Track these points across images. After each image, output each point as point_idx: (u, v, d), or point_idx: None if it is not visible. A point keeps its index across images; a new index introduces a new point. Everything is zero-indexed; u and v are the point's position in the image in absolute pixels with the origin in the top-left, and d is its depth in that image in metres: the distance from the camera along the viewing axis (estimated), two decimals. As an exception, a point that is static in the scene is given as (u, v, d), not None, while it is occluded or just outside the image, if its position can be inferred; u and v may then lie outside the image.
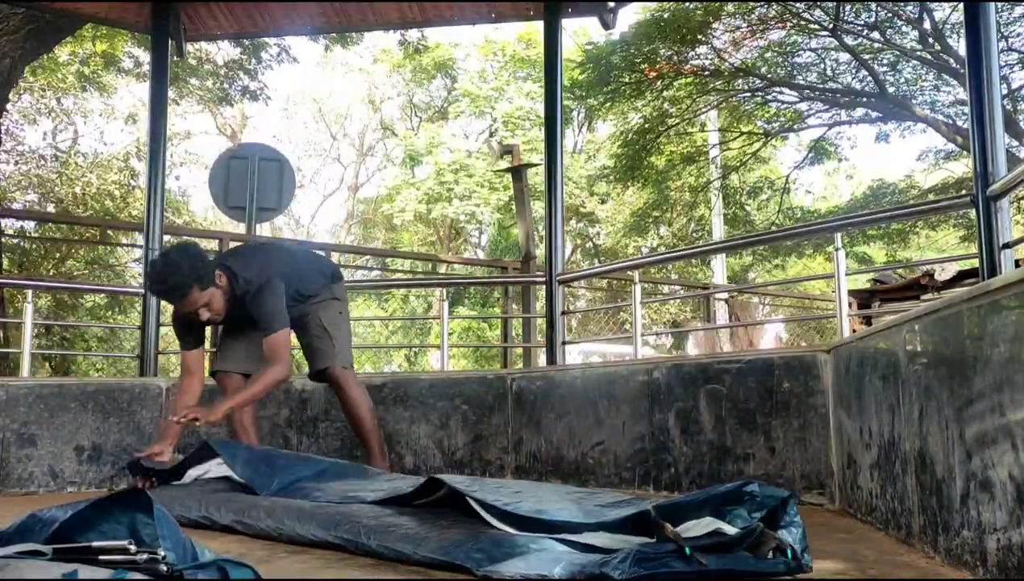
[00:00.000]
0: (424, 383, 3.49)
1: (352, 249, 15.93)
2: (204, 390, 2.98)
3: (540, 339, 7.05)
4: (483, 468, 3.34)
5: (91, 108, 12.95)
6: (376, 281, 9.91)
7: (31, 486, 3.23)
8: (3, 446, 3.21)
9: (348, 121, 22.93)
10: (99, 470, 3.32)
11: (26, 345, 4.17)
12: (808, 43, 11.02)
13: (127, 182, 10.96)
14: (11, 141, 10.62)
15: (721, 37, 10.85)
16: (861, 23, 10.34)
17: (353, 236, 21.06)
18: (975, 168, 2.81)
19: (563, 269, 4.32)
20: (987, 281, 1.36)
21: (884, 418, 1.86)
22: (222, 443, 2.71)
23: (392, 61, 19.17)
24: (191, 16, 4.88)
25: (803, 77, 11.35)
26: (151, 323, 4.39)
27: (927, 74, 10.91)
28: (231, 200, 7.51)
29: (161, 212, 4.55)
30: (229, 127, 19.91)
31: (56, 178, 10.56)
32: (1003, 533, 1.24)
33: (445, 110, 19.33)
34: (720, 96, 11.64)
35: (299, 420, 3.46)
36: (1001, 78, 3.20)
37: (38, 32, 6.37)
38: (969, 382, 1.36)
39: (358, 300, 14.35)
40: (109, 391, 3.40)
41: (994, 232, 2.69)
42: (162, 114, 4.72)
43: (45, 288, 7.85)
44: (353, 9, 4.91)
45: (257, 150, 7.95)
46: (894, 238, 12.14)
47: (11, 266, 8.65)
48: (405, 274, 9.10)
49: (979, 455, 1.32)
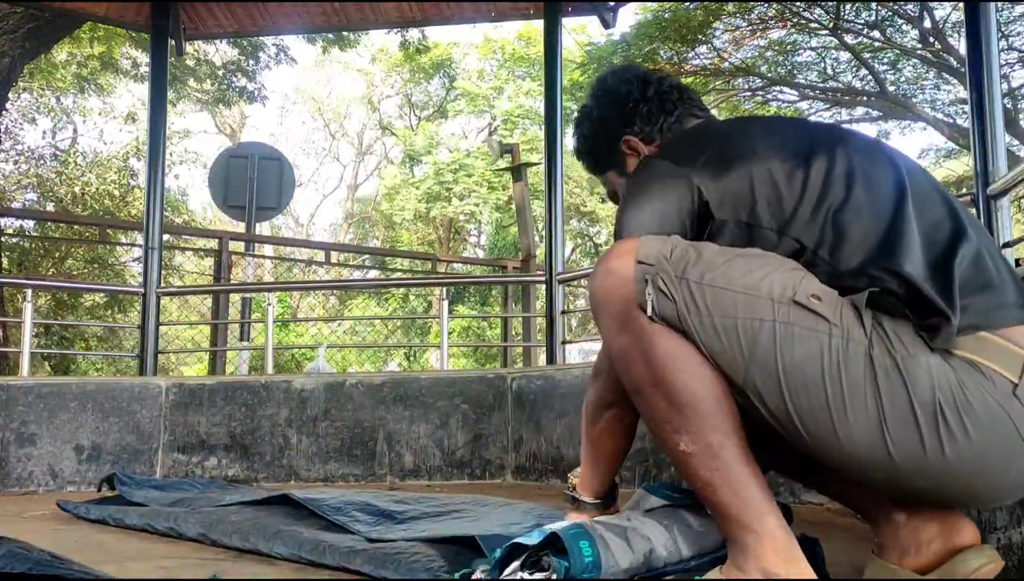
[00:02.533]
0: (424, 382, 3.49)
1: (351, 248, 15.92)
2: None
3: (540, 338, 7.05)
4: (483, 467, 3.34)
5: (90, 107, 12.96)
6: (375, 280, 9.92)
7: (30, 486, 3.22)
8: (2, 445, 3.21)
9: (347, 120, 22.94)
10: (99, 469, 3.32)
11: (26, 344, 4.17)
12: (808, 42, 11.03)
13: (126, 181, 10.95)
14: (10, 140, 10.62)
15: (721, 36, 10.85)
16: (861, 22, 10.35)
17: (352, 235, 21.06)
18: (975, 167, 2.81)
19: (563, 268, 4.32)
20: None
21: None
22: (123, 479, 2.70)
23: (390, 60, 19.17)
24: (190, 15, 4.88)
25: (803, 76, 11.36)
26: (151, 322, 4.38)
27: (927, 73, 10.92)
28: (231, 199, 7.53)
29: (161, 211, 4.54)
30: (228, 126, 19.92)
31: (55, 177, 10.56)
32: (1003, 533, 1.24)
33: (444, 109, 19.34)
34: (721, 96, 11.65)
35: (299, 420, 3.46)
36: (1001, 77, 3.20)
37: (37, 31, 6.37)
38: (970, 381, 1.36)
39: (357, 300, 14.35)
40: (109, 391, 3.40)
41: (994, 231, 2.69)
42: (161, 113, 4.71)
43: (44, 287, 7.86)
44: (352, 8, 4.91)
45: (256, 149, 7.98)
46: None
47: (11, 265, 8.65)
48: (404, 273, 9.10)
49: (980, 455, 1.32)
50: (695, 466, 1.07)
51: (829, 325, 1.01)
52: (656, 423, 1.11)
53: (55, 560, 1.11)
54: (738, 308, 1.04)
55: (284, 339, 11.76)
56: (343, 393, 3.47)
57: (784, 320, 1.02)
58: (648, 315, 1.08)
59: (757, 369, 1.03)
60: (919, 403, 0.98)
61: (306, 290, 12.54)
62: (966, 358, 0.99)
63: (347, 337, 11.72)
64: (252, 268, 9.01)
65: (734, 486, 1.05)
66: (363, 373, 4.46)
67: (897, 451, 0.99)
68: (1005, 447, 0.99)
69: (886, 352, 0.99)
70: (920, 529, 1.15)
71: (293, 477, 3.40)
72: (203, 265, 10.21)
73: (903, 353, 0.99)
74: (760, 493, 1.06)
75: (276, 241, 12.10)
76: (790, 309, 1.03)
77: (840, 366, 1.00)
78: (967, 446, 0.97)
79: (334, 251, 8.80)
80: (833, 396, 1.00)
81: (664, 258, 1.09)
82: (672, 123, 1.41)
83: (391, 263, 10.39)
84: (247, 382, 3.58)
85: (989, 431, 0.98)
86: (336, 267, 10.20)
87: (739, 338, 1.04)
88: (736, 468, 1.05)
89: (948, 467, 0.99)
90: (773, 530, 1.04)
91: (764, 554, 1.04)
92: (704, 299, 1.06)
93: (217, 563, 1.65)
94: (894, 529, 1.18)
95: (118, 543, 1.95)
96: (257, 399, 3.48)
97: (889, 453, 1.00)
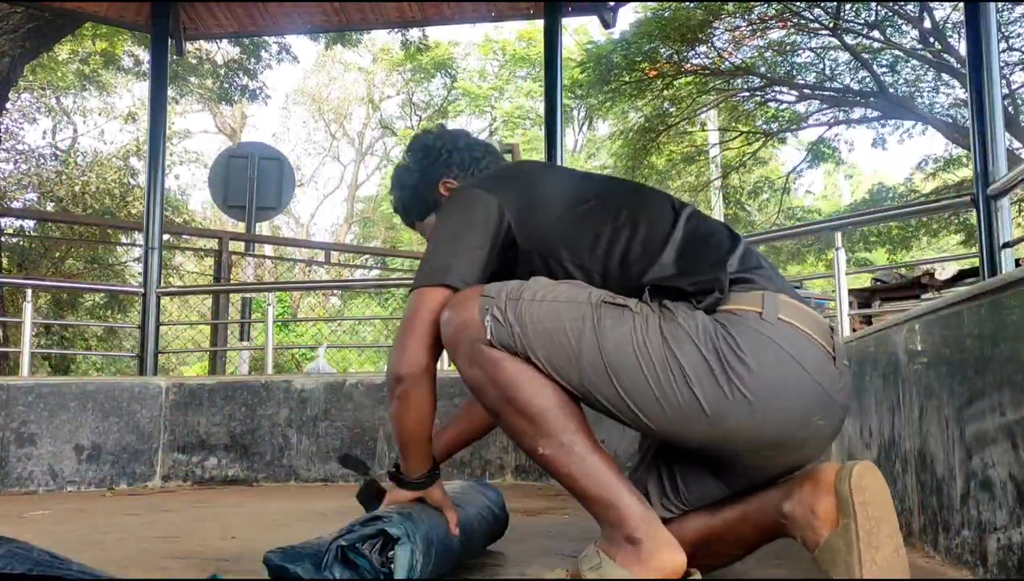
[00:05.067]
0: (424, 382, 3.48)
1: (351, 248, 15.92)
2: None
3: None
4: (483, 467, 3.34)
5: (90, 107, 12.96)
6: (375, 280, 9.90)
7: (31, 485, 3.22)
8: (2, 445, 3.21)
9: (347, 120, 22.94)
10: (99, 469, 3.32)
11: (25, 344, 4.17)
12: (808, 42, 11.03)
13: (126, 181, 10.95)
14: (10, 140, 10.62)
15: (721, 36, 10.85)
16: (861, 22, 10.35)
17: (352, 235, 21.06)
18: (975, 167, 2.81)
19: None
20: (987, 280, 1.36)
21: (884, 417, 1.86)
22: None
23: (391, 60, 19.18)
24: (191, 15, 4.88)
25: (802, 77, 11.35)
26: (151, 322, 4.39)
27: (927, 73, 10.92)
28: (231, 199, 7.53)
29: (161, 211, 4.54)
30: (229, 125, 19.91)
31: (55, 177, 10.56)
32: (1003, 532, 1.24)
33: (445, 109, 19.34)
34: (720, 96, 11.65)
35: (299, 420, 3.46)
36: (1001, 78, 3.20)
37: (38, 31, 6.38)
38: (969, 381, 1.36)
39: (358, 300, 14.36)
40: (109, 391, 3.40)
41: (994, 231, 2.69)
42: (161, 113, 4.72)
43: (45, 287, 7.85)
44: (353, 8, 4.91)
45: (257, 149, 7.97)
46: (895, 242, 12.15)
47: (10, 265, 8.65)
48: (405, 273, 9.10)
49: (979, 454, 1.32)
50: (555, 463, 1.26)
51: (632, 313, 1.25)
52: (516, 436, 1.30)
53: (55, 560, 1.11)
54: (563, 315, 1.25)
55: (284, 339, 11.76)
56: (343, 393, 3.47)
57: (599, 315, 1.25)
58: (487, 339, 1.27)
59: (587, 364, 1.23)
60: (705, 350, 1.19)
61: (306, 290, 12.54)
62: (721, 310, 1.23)
63: (347, 337, 11.72)
64: (252, 268, 9.01)
65: (591, 473, 1.24)
66: (363, 373, 4.46)
67: (707, 402, 1.19)
68: (781, 366, 1.19)
69: (671, 319, 1.23)
70: (802, 500, 1.23)
71: (293, 477, 3.40)
72: (203, 265, 10.21)
73: (683, 316, 1.23)
74: (613, 475, 1.24)
75: (276, 241, 12.10)
76: (602, 306, 1.26)
77: (645, 341, 1.22)
78: (752, 377, 1.18)
79: (334, 251, 8.80)
80: (647, 368, 1.21)
81: (502, 289, 1.30)
82: (484, 167, 1.67)
83: (391, 263, 10.39)
84: (247, 382, 3.58)
85: (760, 356, 1.19)
86: (336, 267, 10.20)
87: (568, 339, 1.25)
88: (589, 458, 1.25)
89: (750, 406, 1.19)
90: (630, 503, 1.23)
91: (626, 523, 1.22)
92: (537, 313, 1.26)
93: (217, 563, 1.66)
94: (795, 519, 1.24)
95: (118, 543, 1.95)
96: (257, 399, 3.48)
97: (701, 408, 1.19)
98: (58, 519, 2.39)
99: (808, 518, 1.22)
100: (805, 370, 1.21)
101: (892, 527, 1.19)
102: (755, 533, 1.33)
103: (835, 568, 1.18)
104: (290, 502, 2.83)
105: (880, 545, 1.17)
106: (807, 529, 1.22)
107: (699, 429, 1.22)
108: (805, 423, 1.23)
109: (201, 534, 2.10)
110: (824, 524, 1.21)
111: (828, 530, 1.20)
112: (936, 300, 1.68)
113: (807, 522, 1.22)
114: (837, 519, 1.20)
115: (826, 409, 1.24)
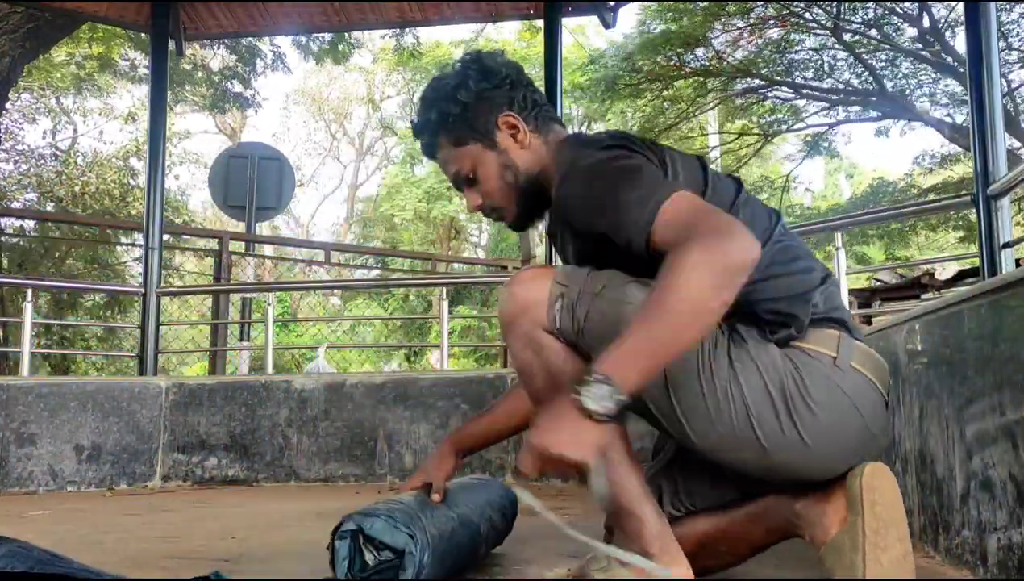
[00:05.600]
0: (424, 382, 3.49)
1: (352, 248, 15.92)
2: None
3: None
4: (483, 467, 3.34)
5: (90, 107, 12.95)
6: (376, 280, 9.91)
7: (31, 485, 3.22)
8: (2, 445, 3.21)
9: (348, 120, 22.94)
10: (99, 469, 3.32)
11: (25, 344, 4.17)
12: (807, 41, 11.03)
13: (126, 181, 10.95)
14: (10, 140, 10.61)
15: (720, 37, 10.85)
16: (859, 20, 10.35)
17: (353, 235, 21.06)
18: (975, 167, 2.81)
19: (563, 268, 4.31)
20: (987, 280, 1.36)
21: (884, 417, 1.86)
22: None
23: (391, 60, 19.17)
24: (190, 15, 4.88)
25: (801, 75, 11.35)
26: (151, 323, 4.39)
27: (925, 73, 10.92)
28: (231, 199, 7.53)
29: (161, 211, 4.54)
30: (229, 126, 19.91)
31: (55, 177, 10.55)
32: (1003, 532, 1.24)
33: (445, 109, 19.30)
34: (719, 95, 11.64)
35: (299, 420, 3.46)
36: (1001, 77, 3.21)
37: (37, 31, 6.38)
38: (969, 381, 1.36)
39: (358, 300, 14.35)
40: (109, 391, 3.40)
41: (994, 231, 2.69)
42: (161, 113, 4.71)
43: (44, 287, 7.85)
44: (353, 8, 4.91)
45: (257, 149, 7.98)
46: (894, 237, 12.16)
47: (10, 265, 8.65)
48: (405, 273, 9.09)
49: (979, 455, 1.32)
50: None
51: None
52: None
53: (56, 560, 1.11)
54: (629, 317, 1.14)
55: (284, 339, 11.77)
56: (343, 393, 3.47)
57: None
58: (549, 326, 1.23)
59: None
60: (771, 385, 1.17)
61: (306, 290, 12.54)
62: (796, 346, 1.21)
63: (347, 337, 11.72)
64: (252, 268, 9.01)
65: (620, 481, 1.21)
66: (363, 373, 4.46)
67: (764, 436, 1.17)
68: (842, 414, 1.19)
69: (741, 345, 1.20)
70: (814, 497, 1.24)
71: (293, 477, 3.40)
72: (203, 265, 10.21)
73: (753, 345, 1.20)
74: (640, 486, 1.23)
75: (276, 241, 12.09)
76: None
77: (711, 363, 1.19)
78: (814, 421, 1.17)
79: (334, 251, 8.79)
80: (708, 389, 1.18)
81: (575, 279, 1.23)
82: (543, 113, 1.44)
83: (391, 263, 10.38)
84: (247, 382, 3.58)
85: (826, 402, 1.18)
86: (336, 267, 10.20)
87: None
88: (622, 465, 1.21)
89: (804, 447, 1.18)
90: (651, 517, 1.21)
91: (643, 536, 1.20)
92: (606, 311, 1.20)
93: (217, 563, 1.66)
94: (806, 518, 1.24)
95: (118, 543, 1.95)
96: (257, 399, 3.48)
97: (757, 440, 1.18)
98: (58, 519, 2.39)
99: (818, 515, 1.22)
100: (863, 418, 1.21)
101: (902, 532, 1.19)
102: (764, 533, 1.32)
103: (839, 566, 1.18)
104: (290, 502, 2.84)
105: (888, 547, 1.16)
106: (816, 527, 1.23)
107: (744, 456, 1.21)
108: (848, 462, 1.23)
109: (201, 534, 2.10)
110: (833, 522, 1.21)
111: (837, 528, 1.20)
112: (936, 300, 1.68)
113: (817, 519, 1.22)
114: (846, 517, 1.20)
115: (869, 448, 1.25)
